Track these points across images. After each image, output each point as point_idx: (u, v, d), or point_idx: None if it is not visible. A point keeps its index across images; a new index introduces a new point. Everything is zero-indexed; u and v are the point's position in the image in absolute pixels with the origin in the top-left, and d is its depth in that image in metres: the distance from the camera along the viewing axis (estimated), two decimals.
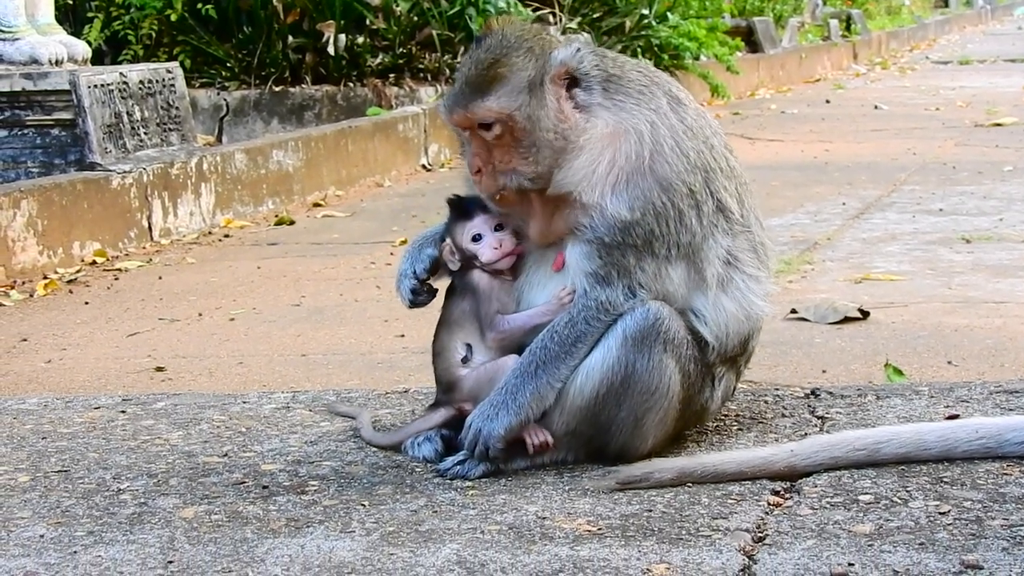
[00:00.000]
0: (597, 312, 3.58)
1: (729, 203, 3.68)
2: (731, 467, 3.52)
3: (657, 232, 3.57)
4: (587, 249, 3.58)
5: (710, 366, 3.74)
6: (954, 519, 3.20)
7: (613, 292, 3.58)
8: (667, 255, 3.59)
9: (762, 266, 3.78)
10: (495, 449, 3.59)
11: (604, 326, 3.58)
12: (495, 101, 3.54)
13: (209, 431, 4.16)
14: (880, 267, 6.58)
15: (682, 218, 3.59)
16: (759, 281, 3.77)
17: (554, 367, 3.59)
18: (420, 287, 3.86)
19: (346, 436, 4.04)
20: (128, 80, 8.30)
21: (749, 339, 3.81)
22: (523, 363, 3.61)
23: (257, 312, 6.20)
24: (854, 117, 14.06)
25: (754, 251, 3.75)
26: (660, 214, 3.56)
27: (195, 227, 8.28)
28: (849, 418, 4.03)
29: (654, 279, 3.60)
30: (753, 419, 4.06)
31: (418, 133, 10.77)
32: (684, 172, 3.60)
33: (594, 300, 3.58)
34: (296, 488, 3.59)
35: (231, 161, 8.70)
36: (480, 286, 3.77)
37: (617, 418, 3.61)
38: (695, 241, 3.62)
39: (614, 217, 3.55)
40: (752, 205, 3.78)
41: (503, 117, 3.54)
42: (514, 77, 3.54)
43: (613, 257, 3.57)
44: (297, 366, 5.20)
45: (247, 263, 7.37)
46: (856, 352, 5.03)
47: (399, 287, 3.88)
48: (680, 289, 3.64)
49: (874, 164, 10.34)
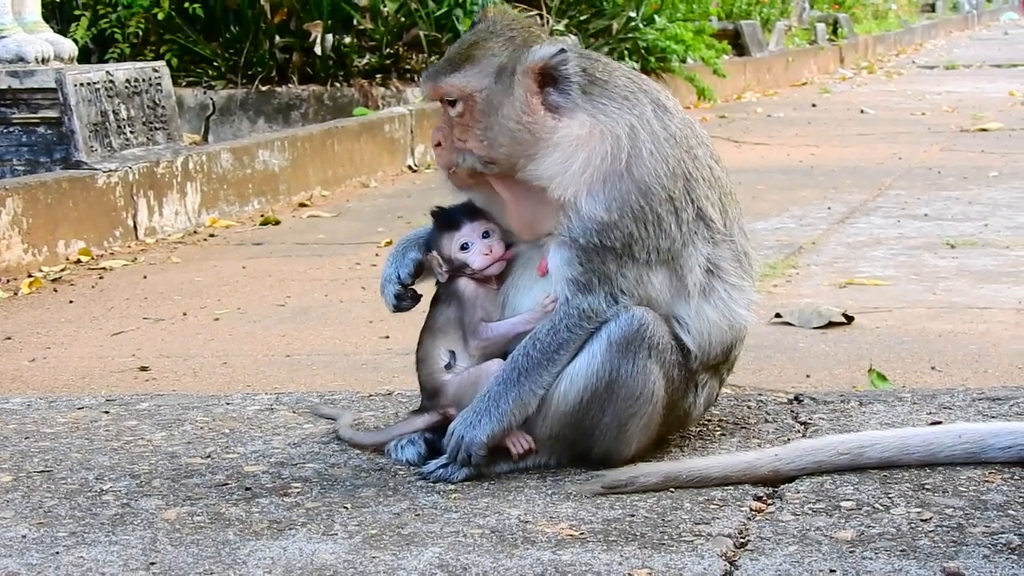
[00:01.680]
0: (579, 320, 3.58)
1: (710, 212, 3.68)
2: (716, 471, 3.52)
3: (636, 235, 3.57)
4: (568, 255, 3.59)
5: (693, 373, 3.74)
6: (936, 526, 3.21)
7: (595, 300, 3.58)
8: (647, 260, 3.59)
9: (745, 276, 3.78)
10: (477, 456, 3.59)
11: (586, 333, 3.58)
12: (460, 78, 3.61)
13: (192, 432, 4.15)
14: (865, 272, 6.59)
15: (660, 223, 3.59)
16: (742, 291, 3.76)
17: (536, 374, 3.58)
18: (404, 292, 3.86)
19: (329, 438, 4.03)
20: (114, 79, 8.28)
21: (732, 348, 3.81)
22: (506, 370, 3.61)
23: (242, 312, 6.19)
24: (840, 121, 14.07)
25: (737, 261, 3.75)
26: (638, 217, 3.57)
27: (180, 226, 8.26)
28: (832, 424, 4.03)
29: (636, 285, 3.60)
30: (736, 424, 4.06)
31: (404, 134, 10.77)
32: (663, 177, 3.60)
33: (576, 308, 3.58)
34: (279, 490, 3.58)
35: (217, 160, 8.69)
36: (465, 294, 3.76)
37: (601, 423, 3.61)
38: (674, 247, 3.62)
39: (590, 217, 3.56)
40: (736, 215, 3.78)
41: (465, 95, 3.61)
42: (485, 60, 3.62)
43: (593, 263, 3.57)
44: (281, 367, 5.19)
45: (232, 263, 7.36)
46: (840, 357, 5.03)
47: (383, 292, 3.88)
48: (662, 295, 3.64)
49: (860, 168, 10.35)
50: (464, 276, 3.77)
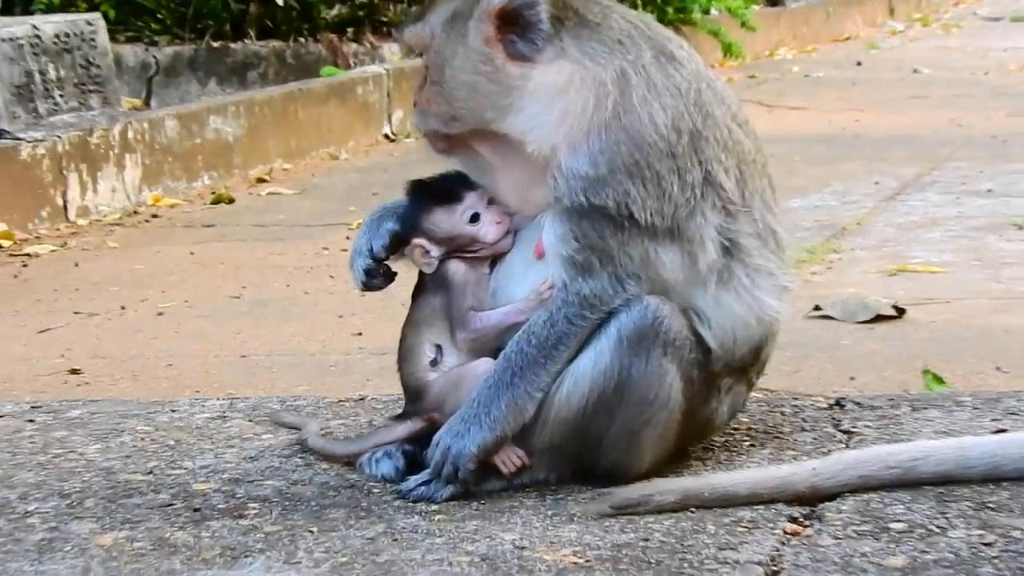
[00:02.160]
0: (580, 308, 3.57)
1: (722, 178, 3.65)
2: (743, 488, 3.53)
3: (632, 194, 3.54)
4: (561, 229, 3.58)
5: (716, 375, 3.73)
6: (1000, 551, 3.21)
7: (597, 283, 3.57)
8: (651, 231, 3.56)
9: (773, 257, 3.74)
10: (465, 470, 3.58)
11: (590, 325, 3.58)
12: (420, 27, 3.69)
13: (132, 444, 4.16)
14: (918, 257, 6.60)
15: (660, 181, 3.57)
16: (769, 275, 3.73)
17: (533, 374, 3.58)
18: (376, 267, 3.86)
19: (292, 451, 4.04)
20: (41, 33, 8.27)
21: (761, 347, 3.78)
22: (497, 370, 3.60)
23: (190, 306, 6.20)
24: (890, 82, 14.10)
25: (759, 239, 3.72)
26: (632, 172, 3.55)
27: (118, 206, 8.26)
28: (880, 433, 4.04)
29: (642, 265, 3.57)
30: (768, 433, 4.07)
31: (380, 97, 10.77)
32: (662, 128, 3.57)
33: (576, 294, 3.58)
34: (233, 511, 3.59)
35: (161, 129, 8.69)
36: (455, 279, 3.76)
37: (609, 432, 3.61)
38: (679, 214, 3.59)
39: (574, 175, 3.55)
40: (759, 188, 3.75)
41: (423, 46, 3.69)
42: (443, 6, 3.67)
43: (590, 238, 3.55)
44: (236, 369, 5.20)
45: (179, 248, 7.37)
46: (889, 356, 5.05)
47: (352, 266, 3.88)
48: (674, 278, 3.61)
49: (912, 137, 10.37)
50: (456, 259, 3.77)
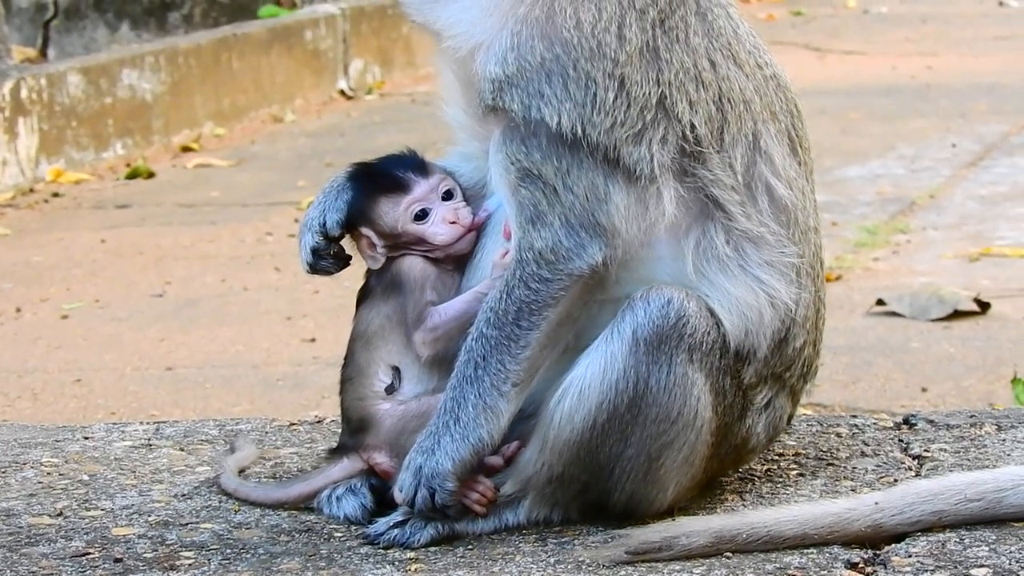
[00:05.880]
0: (537, 268, 3.61)
1: (682, 109, 3.66)
2: (791, 528, 3.56)
3: (547, 94, 3.60)
4: (499, 155, 3.64)
5: (749, 387, 3.75)
6: None
7: (549, 232, 3.60)
8: (587, 149, 3.59)
9: (768, 222, 3.73)
10: (444, 493, 3.61)
11: (554, 292, 3.61)
12: None
13: (36, 480, 4.17)
14: (1006, 238, 6.61)
15: (589, 83, 3.62)
16: (762, 245, 3.72)
17: (497, 362, 3.61)
18: (327, 246, 3.89)
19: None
20: None
21: (785, 339, 3.78)
22: (459, 366, 3.64)
23: (101, 306, 6.20)
24: (969, 18, 14.07)
25: (744, 194, 3.70)
26: (550, 72, 3.61)
27: (10, 182, 8.28)
28: (958, 458, 4.07)
29: (588, 202, 3.59)
30: (820, 459, 4.09)
31: (335, 43, 10.77)
32: (587, 27, 3.62)
33: (528, 250, 3.62)
34: (163, 561, 3.61)
35: (62, 85, 8.70)
36: (410, 276, 3.78)
37: (623, 457, 3.64)
38: (617, 132, 3.61)
39: (485, 75, 3.65)
40: (751, 132, 3.73)
41: None
42: None
43: (531, 159, 3.60)
44: (161, 385, 5.20)
45: (87, 234, 7.36)
46: (970, 362, 5.06)
47: (300, 242, 3.90)
48: (629, 229, 3.63)
49: (998, 87, 10.36)
50: (411, 254, 3.82)
